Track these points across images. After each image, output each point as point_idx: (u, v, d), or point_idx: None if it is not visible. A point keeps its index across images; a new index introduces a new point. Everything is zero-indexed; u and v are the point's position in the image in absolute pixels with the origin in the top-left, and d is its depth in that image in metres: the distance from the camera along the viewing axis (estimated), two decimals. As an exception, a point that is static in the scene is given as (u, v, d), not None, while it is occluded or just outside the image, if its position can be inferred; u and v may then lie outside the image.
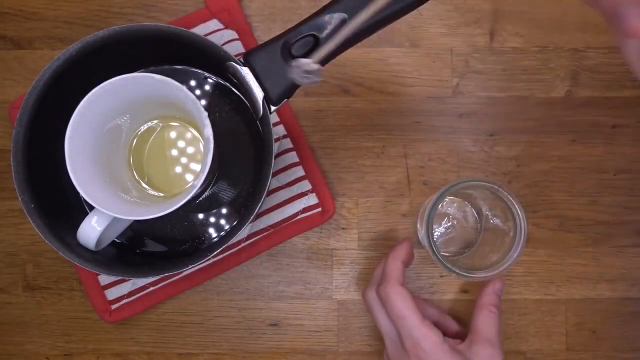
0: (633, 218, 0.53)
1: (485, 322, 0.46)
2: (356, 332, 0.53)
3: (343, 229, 0.53)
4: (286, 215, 0.52)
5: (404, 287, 0.44)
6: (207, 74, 0.47)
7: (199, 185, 0.39)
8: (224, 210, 0.48)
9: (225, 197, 0.48)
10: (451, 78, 0.53)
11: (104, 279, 0.51)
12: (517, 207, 0.45)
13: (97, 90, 0.38)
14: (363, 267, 0.53)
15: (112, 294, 0.51)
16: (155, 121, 0.47)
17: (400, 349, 0.44)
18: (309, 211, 0.52)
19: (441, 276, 0.53)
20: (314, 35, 0.38)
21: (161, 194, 0.47)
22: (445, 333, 0.46)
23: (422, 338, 0.43)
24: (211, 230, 0.48)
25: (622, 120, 0.53)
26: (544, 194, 0.53)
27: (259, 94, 0.40)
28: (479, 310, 0.47)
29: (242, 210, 0.48)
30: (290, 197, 0.52)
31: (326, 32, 0.38)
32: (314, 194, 0.52)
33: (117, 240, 0.47)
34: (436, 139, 0.53)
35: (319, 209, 0.52)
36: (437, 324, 0.47)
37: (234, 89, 0.47)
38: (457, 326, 0.50)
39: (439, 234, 0.52)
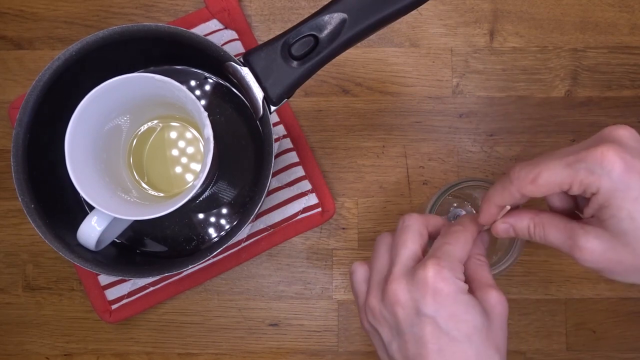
0: (633, 218, 0.53)
1: (478, 269, 0.38)
2: (356, 332, 0.53)
3: (343, 229, 0.53)
4: (286, 215, 0.52)
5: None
6: (207, 74, 0.47)
7: (199, 185, 0.39)
8: (224, 210, 0.48)
9: (225, 197, 0.48)
10: (451, 78, 0.53)
11: (104, 279, 0.51)
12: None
13: (97, 90, 0.38)
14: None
15: (112, 294, 0.51)
16: (155, 121, 0.47)
17: (408, 270, 0.36)
18: (309, 211, 0.52)
19: (441, 276, 0.53)
20: (314, 35, 0.38)
21: (161, 194, 0.47)
22: None
23: (444, 259, 0.36)
24: (211, 230, 0.48)
25: (622, 120, 0.53)
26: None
27: (258, 94, 0.40)
28: (466, 261, 0.38)
29: (242, 210, 0.48)
30: (290, 197, 0.52)
31: (326, 32, 0.38)
32: (314, 193, 0.52)
33: (117, 240, 0.47)
34: (436, 139, 0.53)
35: (319, 209, 0.52)
36: None
37: (234, 89, 0.47)
38: None
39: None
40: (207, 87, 0.47)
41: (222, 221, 0.48)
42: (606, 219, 0.33)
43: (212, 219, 0.48)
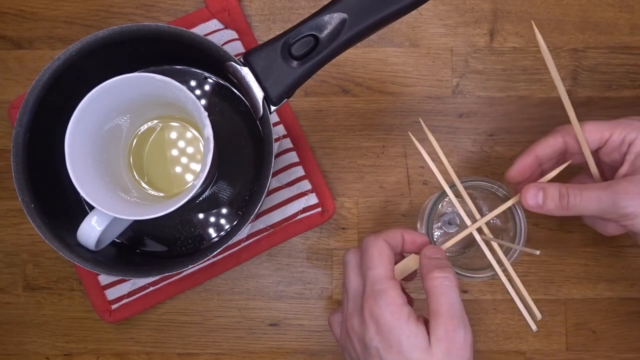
0: (633, 218, 0.53)
1: (431, 294, 0.38)
2: (356, 332, 0.53)
3: (343, 229, 0.53)
4: (286, 215, 0.52)
5: (387, 244, 0.39)
6: (207, 74, 0.47)
7: (199, 185, 0.39)
8: (224, 210, 0.48)
9: (225, 197, 0.48)
10: (451, 78, 0.53)
11: (104, 279, 0.51)
12: (517, 207, 0.45)
13: (97, 90, 0.38)
14: (363, 267, 0.53)
15: (112, 294, 0.51)
16: (155, 121, 0.47)
17: (359, 305, 0.38)
18: (309, 211, 0.52)
19: (441, 276, 0.53)
20: (313, 35, 0.38)
21: (161, 194, 0.47)
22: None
23: (382, 291, 0.37)
24: (211, 230, 0.48)
25: (622, 120, 0.53)
26: (543, 194, 0.53)
27: (258, 94, 0.40)
28: (423, 282, 0.38)
29: (242, 210, 0.48)
30: (290, 197, 0.52)
31: (326, 32, 0.38)
32: (313, 193, 0.52)
33: (117, 240, 0.47)
34: (436, 139, 0.53)
35: (319, 209, 0.52)
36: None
37: (234, 89, 0.47)
38: None
39: (439, 234, 0.52)
40: (207, 87, 0.47)
41: (222, 221, 0.48)
42: None
43: (212, 219, 0.48)
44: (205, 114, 0.39)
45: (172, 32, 0.41)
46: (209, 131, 0.39)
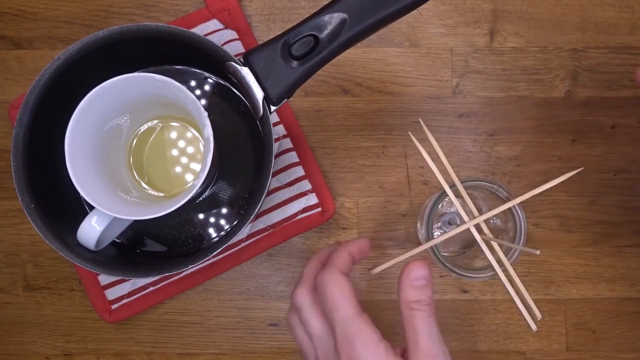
0: (633, 218, 0.53)
1: (408, 323, 0.36)
2: (356, 332, 0.53)
3: (343, 229, 0.53)
4: (286, 215, 0.52)
5: (344, 276, 0.37)
6: (207, 74, 0.47)
7: (199, 185, 0.39)
8: (224, 210, 0.48)
9: (225, 197, 0.48)
10: (451, 78, 0.53)
11: (104, 279, 0.51)
12: (517, 207, 0.45)
13: (97, 90, 0.38)
14: (362, 268, 0.53)
15: (112, 294, 0.51)
16: (155, 121, 0.47)
17: (332, 352, 0.36)
18: (309, 211, 0.52)
19: (441, 276, 0.53)
20: (313, 35, 0.38)
21: (161, 194, 0.47)
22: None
23: (356, 332, 0.35)
24: (211, 230, 0.48)
25: (622, 120, 0.53)
26: (543, 194, 0.53)
27: (258, 94, 0.40)
28: (400, 305, 0.37)
29: (242, 210, 0.48)
30: (290, 197, 0.52)
31: (326, 32, 0.38)
32: (313, 193, 0.52)
33: (117, 240, 0.47)
34: (436, 139, 0.53)
35: (319, 209, 0.52)
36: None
37: (234, 89, 0.47)
38: None
39: (439, 234, 0.52)
40: (207, 87, 0.47)
41: (222, 221, 0.48)
42: None
43: (212, 219, 0.48)
44: (205, 114, 0.39)
45: (172, 32, 0.41)
46: (209, 131, 0.39)
